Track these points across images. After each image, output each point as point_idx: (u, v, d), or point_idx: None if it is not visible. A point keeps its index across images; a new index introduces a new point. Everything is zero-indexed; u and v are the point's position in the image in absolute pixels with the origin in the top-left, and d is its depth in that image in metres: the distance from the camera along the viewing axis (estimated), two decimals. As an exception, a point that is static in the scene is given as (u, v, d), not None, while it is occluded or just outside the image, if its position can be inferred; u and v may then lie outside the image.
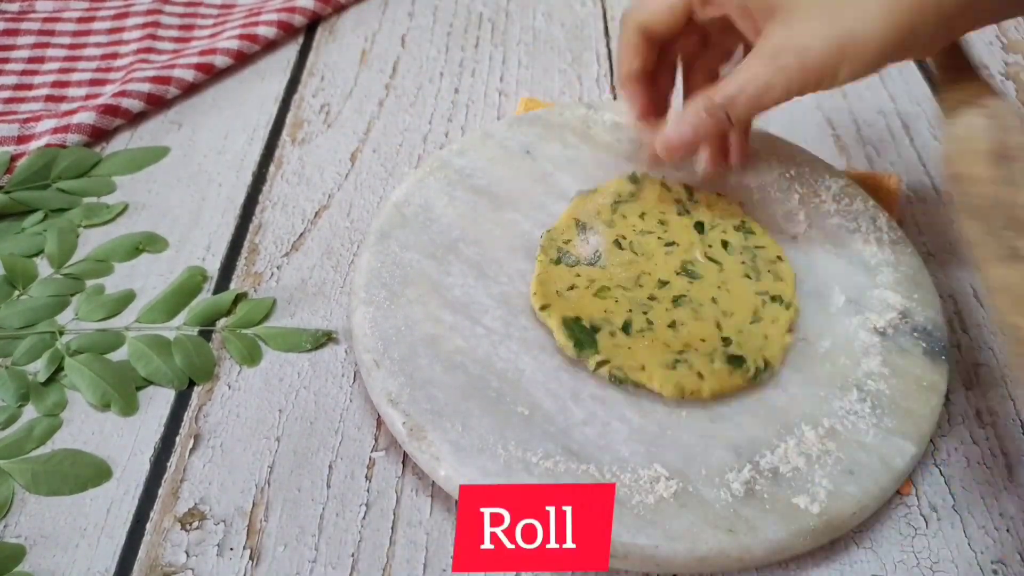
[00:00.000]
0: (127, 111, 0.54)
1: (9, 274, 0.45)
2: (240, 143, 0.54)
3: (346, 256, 0.47)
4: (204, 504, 0.37)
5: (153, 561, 0.35)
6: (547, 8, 0.66)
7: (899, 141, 0.55)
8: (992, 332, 0.44)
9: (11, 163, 0.51)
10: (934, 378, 0.39)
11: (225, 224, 0.49)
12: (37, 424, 0.39)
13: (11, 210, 0.49)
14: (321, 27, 0.64)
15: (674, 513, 0.34)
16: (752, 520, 0.34)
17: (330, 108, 0.57)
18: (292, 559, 0.35)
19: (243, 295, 0.45)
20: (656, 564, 0.33)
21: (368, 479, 0.38)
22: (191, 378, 0.41)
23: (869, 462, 0.36)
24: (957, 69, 0.41)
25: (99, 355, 0.42)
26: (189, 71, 0.57)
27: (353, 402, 0.40)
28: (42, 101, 0.56)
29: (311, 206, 0.50)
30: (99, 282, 0.45)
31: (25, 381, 0.40)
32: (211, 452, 0.38)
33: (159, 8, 0.64)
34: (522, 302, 0.41)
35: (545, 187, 0.47)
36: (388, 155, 0.53)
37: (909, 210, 0.50)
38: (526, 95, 0.58)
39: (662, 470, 0.35)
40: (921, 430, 0.37)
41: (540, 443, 0.36)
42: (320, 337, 0.43)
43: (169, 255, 0.47)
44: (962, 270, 0.47)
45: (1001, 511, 0.37)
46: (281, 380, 0.41)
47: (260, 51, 0.61)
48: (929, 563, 0.35)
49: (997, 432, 0.40)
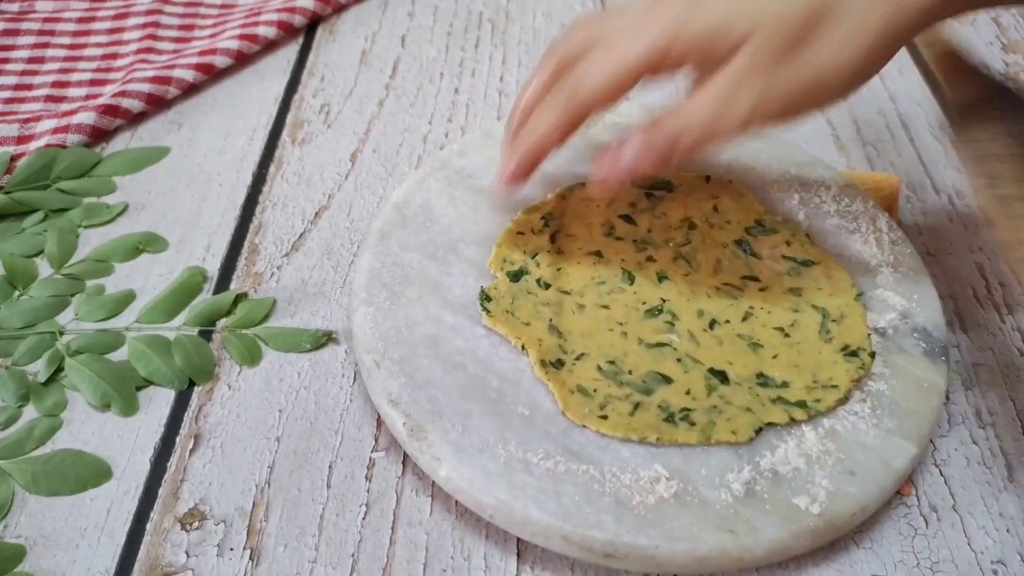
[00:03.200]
0: (127, 111, 0.54)
1: (9, 274, 0.45)
2: (240, 143, 0.54)
3: (346, 256, 0.47)
4: (204, 504, 0.37)
5: (153, 561, 0.35)
6: (547, 8, 0.66)
7: (899, 141, 0.55)
8: (992, 332, 0.44)
9: (11, 163, 0.51)
10: (934, 378, 0.39)
11: (225, 224, 0.49)
12: (37, 424, 0.39)
13: (11, 210, 0.49)
14: (321, 27, 0.64)
15: (674, 513, 0.34)
16: (752, 520, 0.34)
17: (330, 108, 0.57)
18: (292, 559, 0.35)
19: (243, 295, 0.45)
20: (656, 564, 0.33)
21: (368, 479, 0.38)
22: (191, 378, 0.41)
23: (869, 462, 0.36)
24: (958, 71, 0.40)
25: (99, 355, 0.42)
26: (189, 71, 0.57)
27: (353, 402, 0.40)
28: (42, 101, 0.56)
29: (311, 206, 0.50)
30: (99, 282, 0.45)
31: (25, 381, 0.40)
32: (211, 452, 0.38)
33: (159, 8, 0.64)
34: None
35: (546, 187, 0.46)
36: (388, 155, 0.53)
37: (909, 210, 0.50)
38: (526, 95, 0.58)
39: (662, 470, 0.35)
40: (921, 430, 0.37)
41: (541, 443, 0.36)
42: (320, 337, 0.43)
43: (169, 255, 0.47)
44: (962, 270, 0.47)
45: (1001, 511, 0.37)
46: (281, 380, 0.41)
47: (260, 51, 0.61)
48: (929, 563, 0.35)
49: (997, 432, 0.40)
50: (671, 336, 0.40)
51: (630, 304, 0.41)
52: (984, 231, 0.39)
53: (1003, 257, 0.36)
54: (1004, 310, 0.45)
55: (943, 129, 0.55)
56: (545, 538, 0.34)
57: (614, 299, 0.41)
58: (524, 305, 0.41)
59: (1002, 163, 0.38)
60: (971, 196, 0.51)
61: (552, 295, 0.41)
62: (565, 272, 0.42)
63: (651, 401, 0.37)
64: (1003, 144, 0.39)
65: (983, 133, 0.39)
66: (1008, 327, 0.44)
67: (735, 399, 0.37)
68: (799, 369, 0.39)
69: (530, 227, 0.44)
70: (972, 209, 0.50)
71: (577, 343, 0.39)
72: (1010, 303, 0.45)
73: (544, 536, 0.33)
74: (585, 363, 0.38)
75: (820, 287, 0.42)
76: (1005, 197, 0.36)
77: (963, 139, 0.40)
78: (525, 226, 0.44)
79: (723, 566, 0.33)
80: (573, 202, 0.46)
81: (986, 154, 0.38)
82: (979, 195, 0.38)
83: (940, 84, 0.42)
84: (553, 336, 0.39)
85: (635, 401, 0.37)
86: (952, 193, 0.51)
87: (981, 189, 0.38)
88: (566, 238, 0.44)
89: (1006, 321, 0.44)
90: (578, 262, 0.43)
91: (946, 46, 0.42)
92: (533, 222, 0.44)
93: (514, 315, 0.40)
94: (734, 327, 0.40)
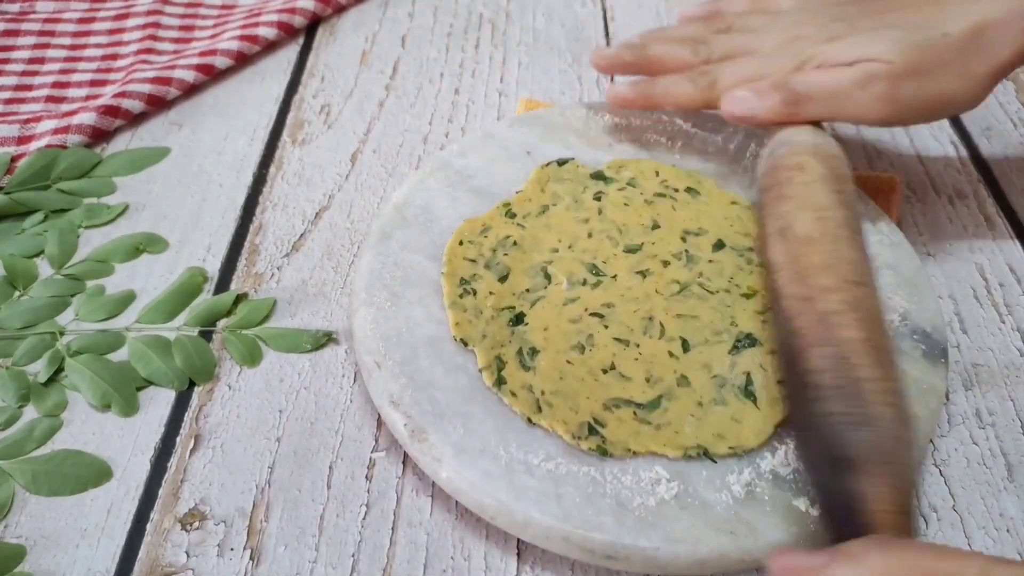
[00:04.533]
0: (127, 112, 0.54)
1: (9, 275, 0.45)
2: (240, 144, 0.54)
3: (347, 257, 0.47)
4: (204, 504, 0.37)
5: (153, 561, 0.35)
6: (547, 9, 0.66)
7: (899, 141, 0.55)
8: (992, 333, 0.44)
9: (11, 164, 0.51)
10: (934, 381, 0.39)
11: (225, 225, 0.49)
12: (37, 424, 0.39)
13: (11, 211, 0.49)
14: (321, 27, 0.64)
15: (675, 515, 0.34)
16: (753, 522, 0.34)
17: (330, 109, 0.57)
18: (292, 559, 0.35)
19: (243, 296, 0.45)
20: (657, 566, 0.33)
21: (368, 480, 0.38)
22: (191, 379, 0.41)
23: (869, 463, 0.36)
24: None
25: (99, 356, 0.42)
26: (189, 72, 0.57)
27: (353, 403, 0.40)
28: (42, 102, 0.56)
29: (311, 207, 0.50)
30: (99, 283, 0.45)
31: (25, 381, 0.40)
32: (211, 452, 0.38)
33: (159, 9, 0.64)
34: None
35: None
36: (388, 156, 0.53)
37: (909, 211, 0.50)
38: (526, 96, 0.58)
39: (663, 472, 0.35)
40: (921, 431, 0.37)
41: (542, 445, 0.36)
42: (320, 338, 0.43)
43: (169, 256, 0.47)
44: (962, 270, 0.47)
45: (1001, 511, 0.37)
46: (281, 381, 0.41)
47: (260, 52, 0.61)
48: (929, 564, 0.35)
49: (997, 432, 0.40)
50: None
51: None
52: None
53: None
54: (1004, 310, 0.45)
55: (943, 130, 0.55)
56: (546, 539, 0.34)
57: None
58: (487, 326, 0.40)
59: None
60: (971, 200, 0.51)
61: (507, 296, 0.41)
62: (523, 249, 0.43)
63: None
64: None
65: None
66: (1008, 327, 0.44)
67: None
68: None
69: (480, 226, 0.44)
70: (972, 209, 0.50)
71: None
72: (1010, 303, 0.45)
73: (545, 537, 0.33)
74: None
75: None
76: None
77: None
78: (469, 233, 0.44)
79: (724, 568, 0.33)
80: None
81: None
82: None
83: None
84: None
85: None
86: (952, 193, 0.51)
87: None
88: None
89: (1006, 321, 0.44)
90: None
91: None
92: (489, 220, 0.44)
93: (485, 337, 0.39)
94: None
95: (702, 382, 0.38)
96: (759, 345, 0.39)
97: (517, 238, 0.43)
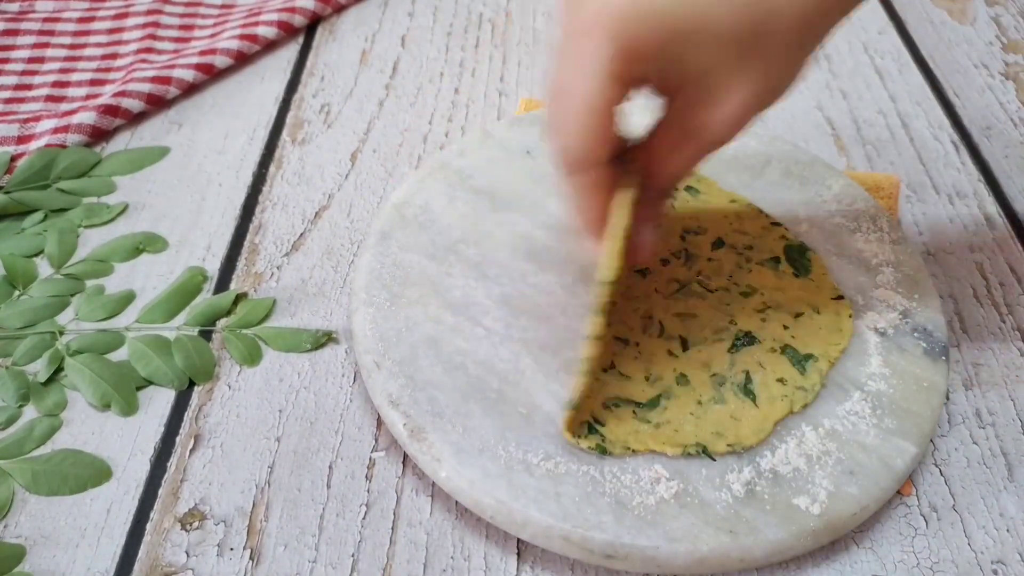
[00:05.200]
0: (127, 111, 0.54)
1: (9, 274, 0.45)
2: (240, 143, 0.54)
3: (346, 256, 0.47)
4: (204, 504, 0.37)
5: (153, 561, 0.35)
6: (547, 8, 0.66)
7: (899, 141, 0.55)
8: (991, 332, 0.44)
9: (11, 163, 0.51)
10: (934, 378, 0.39)
11: (225, 224, 0.49)
12: (37, 424, 0.39)
13: (11, 210, 0.49)
14: (321, 27, 0.64)
15: (675, 514, 0.34)
16: (753, 521, 0.34)
17: (330, 108, 0.57)
18: (292, 559, 0.35)
19: (243, 295, 0.45)
20: (657, 565, 0.33)
21: (368, 479, 0.38)
22: (191, 378, 0.41)
23: (869, 463, 0.36)
24: None
25: (99, 355, 0.42)
26: (189, 71, 0.57)
27: (353, 402, 0.40)
28: (42, 101, 0.56)
29: (311, 206, 0.50)
30: (99, 282, 0.45)
31: (25, 381, 0.40)
32: (211, 452, 0.38)
33: (159, 8, 0.64)
34: (523, 303, 0.41)
35: (546, 187, 0.46)
36: (388, 155, 0.53)
37: (909, 210, 0.50)
38: (526, 95, 0.58)
39: (663, 471, 0.35)
40: (921, 430, 0.37)
41: (541, 444, 0.36)
42: (320, 337, 0.43)
43: (169, 255, 0.47)
44: (962, 270, 0.47)
45: (1001, 511, 0.37)
46: (281, 380, 0.41)
47: (260, 51, 0.61)
48: (929, 563, 0.35)
49: (997, 432, 0.40)
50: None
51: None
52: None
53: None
54: (1004, 310, 0.45)
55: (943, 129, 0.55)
56: (545, 539, 0.34)
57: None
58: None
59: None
60: (973, 200, 0.51)
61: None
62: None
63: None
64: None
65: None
66: (1008, 327, 0.44)
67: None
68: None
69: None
70: (972, 209, 0.50)
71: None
72: (1010, 303, 0.45)
73: (544, 537, 0.33)
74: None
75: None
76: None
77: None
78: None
79: (723, 566, 0.33)
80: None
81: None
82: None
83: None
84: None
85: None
86: (952, 193, 0.51)
87: None
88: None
89: (1006, 321, 0.44)
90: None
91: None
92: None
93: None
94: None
95: (701, 380, 0.38)
96: (758, 343, 0.39)
97: None
